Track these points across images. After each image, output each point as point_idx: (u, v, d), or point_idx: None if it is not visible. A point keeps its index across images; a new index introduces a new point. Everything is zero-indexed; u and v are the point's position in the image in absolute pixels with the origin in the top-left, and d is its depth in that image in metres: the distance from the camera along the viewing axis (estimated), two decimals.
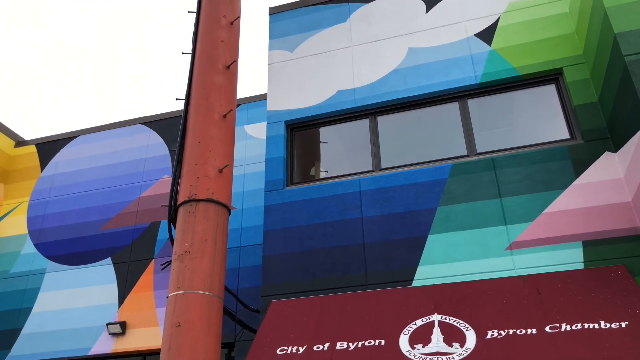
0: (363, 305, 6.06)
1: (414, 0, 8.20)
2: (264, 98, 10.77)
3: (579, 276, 5.63)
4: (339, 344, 5.55)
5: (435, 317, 5.59)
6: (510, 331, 5.14)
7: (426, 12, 8.04)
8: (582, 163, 6.33)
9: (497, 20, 7.59)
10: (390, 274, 6.38)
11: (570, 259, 5.87)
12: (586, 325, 4.98)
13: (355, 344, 5.49)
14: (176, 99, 7.57)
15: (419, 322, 5.57)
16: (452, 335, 5.28)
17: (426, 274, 6.25)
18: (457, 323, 5.44)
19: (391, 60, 7.83)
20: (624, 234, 5.82)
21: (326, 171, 7.54)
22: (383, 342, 5.42)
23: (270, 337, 5.94)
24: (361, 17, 8.36)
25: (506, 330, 5.17)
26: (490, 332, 5.20)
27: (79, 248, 10.25)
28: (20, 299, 10.07)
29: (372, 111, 7.68)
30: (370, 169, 7.27)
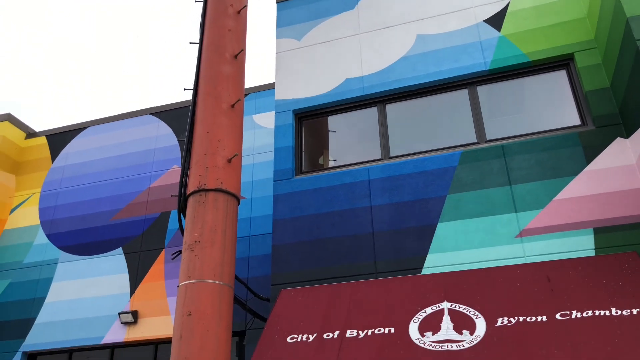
0: (373, 293, 6.07)
1: None
2: (272, 87, 10.75)
3: (590, 263, 5.60)
4: (348, 332, 5.57)
5: (445, 305, 5.59)
6: (521, 318, 5.13)
7: None
8: (594, 149, 6.27)
9: (507, 6, 7.49)
10: (399, 262, 6.38)
11: (581, 246, 5.84)
12: (597, 312, 4.96)
13: (365, 332, 5.51)
14: (184, 89, 7.58)
15: (429, 310, 5.58)
16: (462, 323, 5.28)
17: (436, 262, 6.25)
18: (467, 311, 5.43)
19: (399, 48, 7.77)
20: (636, 221, 5.76)
21: (335, 160, 7.53)
22: (393, 330, 5.43)
23: (281, 326, 5.97)
24: (369, 4, 8.29)
25: (516, 318, 5.16)
26: (500, 320, 5.19)
27: (91, 238, 10.35)
28: (33, 289, 10.20)
29: (381, 99, 7.64)
30: (379, 157, 7.25)
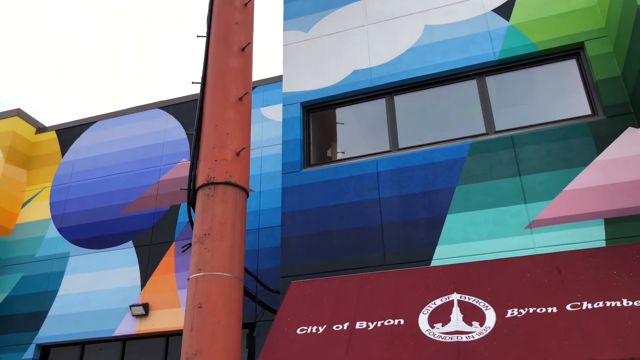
0: (382, 285, 6.08)
1: None
2: (279, 80, 10.73)
3: (601, 254, 5.56)
4: (358, 324, 5.59)
5: (455, 297, 5.58)
6: (531, 310, 5.12)
7: None
8: (604, 139, 6.21)
9: None
10: (408, 254, 6.38)
11: (591, 236, 5.80)
12: (608, 303, 4.94)
13: (375, 324, 5.52)
14: (192, 82, 7.58)
15: (438, 302, 5.58)
16: (472, 314, 5.27)
17: (445, 254, 6.24)
18: (477, 302, 5.43)
19: (407, 39, 7.72)
20: None
21: (343, 152, 7.52)
22: (402, 322, 5.44)
23: (290, 318, 6.00)
24: None
25: (526, 309, 5.14)
26: (510, 311, 5.18)
27: (101, 232, 10.43)
28: (46, 282, 10.31)
29: (389, 91, 7.61)
30: (388, 149, 7.23)
